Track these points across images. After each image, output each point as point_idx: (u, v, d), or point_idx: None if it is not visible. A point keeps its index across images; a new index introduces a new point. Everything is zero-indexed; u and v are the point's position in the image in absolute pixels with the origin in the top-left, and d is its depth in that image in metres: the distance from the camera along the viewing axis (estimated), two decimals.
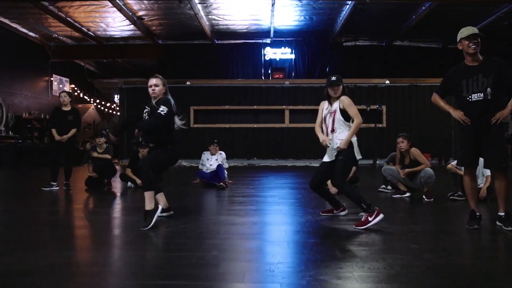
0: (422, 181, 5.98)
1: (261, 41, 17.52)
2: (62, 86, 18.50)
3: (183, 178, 9.53)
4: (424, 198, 5.95)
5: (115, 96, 20.64)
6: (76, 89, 19.45)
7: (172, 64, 17.37)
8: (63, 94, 7.51)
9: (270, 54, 17.58)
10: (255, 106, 15.22)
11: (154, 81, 4.47)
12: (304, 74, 17.33)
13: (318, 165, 4.84)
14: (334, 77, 4.50)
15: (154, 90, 4.45)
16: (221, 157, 8.00)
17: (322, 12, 14.44)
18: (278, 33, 16.67)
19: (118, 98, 17.34)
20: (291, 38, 17.31)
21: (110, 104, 21.76)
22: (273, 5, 13.49)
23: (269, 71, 17.30)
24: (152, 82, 4.47)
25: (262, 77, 17.56)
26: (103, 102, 21.35)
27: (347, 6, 13.70)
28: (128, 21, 14.60)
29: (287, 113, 15.11)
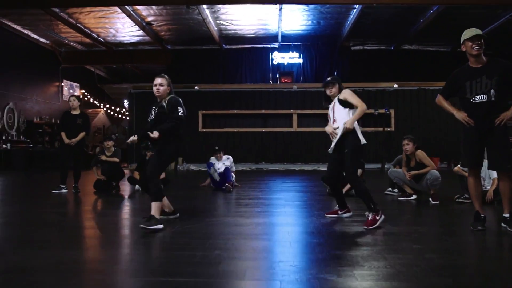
0: (428, 183, 5.97)
1: (269, 45, 17.59)
2: (72, 91, 18.73)
3: (191, 182, 9.59)
4: (430, 201, 5.94)
5: (125, 101, 20.82)
6: (86, 94, 19.68)
7: (180, 69, 17.50)
8: (72, 98, 7.62)
9: (278, 58, 17.64)
10: (263, 111, 15.29)
11: (159, 80, 4.53)
12: (312, 79, 17.34)
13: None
14: (329, 78, 4.73)
15: (158, 90, 4.51)
16: (228, 161, 8.04)
17: (329, 16, 14.47)
18: (286, 37, 16.73)
19: (128, 103, 17.52)
20: (299, 43, 17.35)
21: (119, 109, 21.96)
22: (280, 9, 13.56)
23: (277, 76, 17.37)
24: (157, 81, 4.53)
25: (270, 81, 17.62)
26: (113, 107, 21.55)
27: (355, 10, 13.70)
28: (137, 26, 14.77)
29: (295, 117, 15.15)
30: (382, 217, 4.18)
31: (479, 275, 2.81)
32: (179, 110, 4.36)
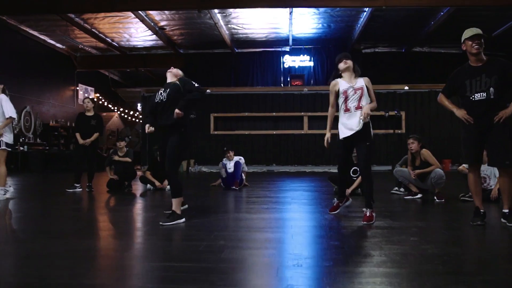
0: (433, 182, 6.05)
1: (280, 49, 17.77)
2: (87, 95, 19.12)
3: (203, 182, 9.79)
4: (435, 199, 6.01)
5: (138, 104, 21.19)
6: (100, 97, 20.09)
7: (193, 72, 17.73)
8: (87, 100, 7.91)
9: (289, 61, 17.81)
10: (274, 113, 15.44)
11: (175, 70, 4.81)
12: (322, 81, 17.44)
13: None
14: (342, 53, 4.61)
15: (171, 70, 4.77)
16: (240, 160, 8.18)
17: (339, 19, 14.59)
18: (297, 41, 16.89)
19: (141, 106, 17.83)
20: (310, 46, 17.49)
21: (133, 112, 22.34)
22: (291, 13, 13.73)
23: (288, 79, 17.53)
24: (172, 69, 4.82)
25: (281, 84, 17.79)
26: (127, 111, 21.94)
27: (365, 13, 13.80)
28: (150, 31, 15.09)
29: (306, 119, 15.26)
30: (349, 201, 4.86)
31: (471, 263, 2.92)
32: (195, 84, 4.58)
